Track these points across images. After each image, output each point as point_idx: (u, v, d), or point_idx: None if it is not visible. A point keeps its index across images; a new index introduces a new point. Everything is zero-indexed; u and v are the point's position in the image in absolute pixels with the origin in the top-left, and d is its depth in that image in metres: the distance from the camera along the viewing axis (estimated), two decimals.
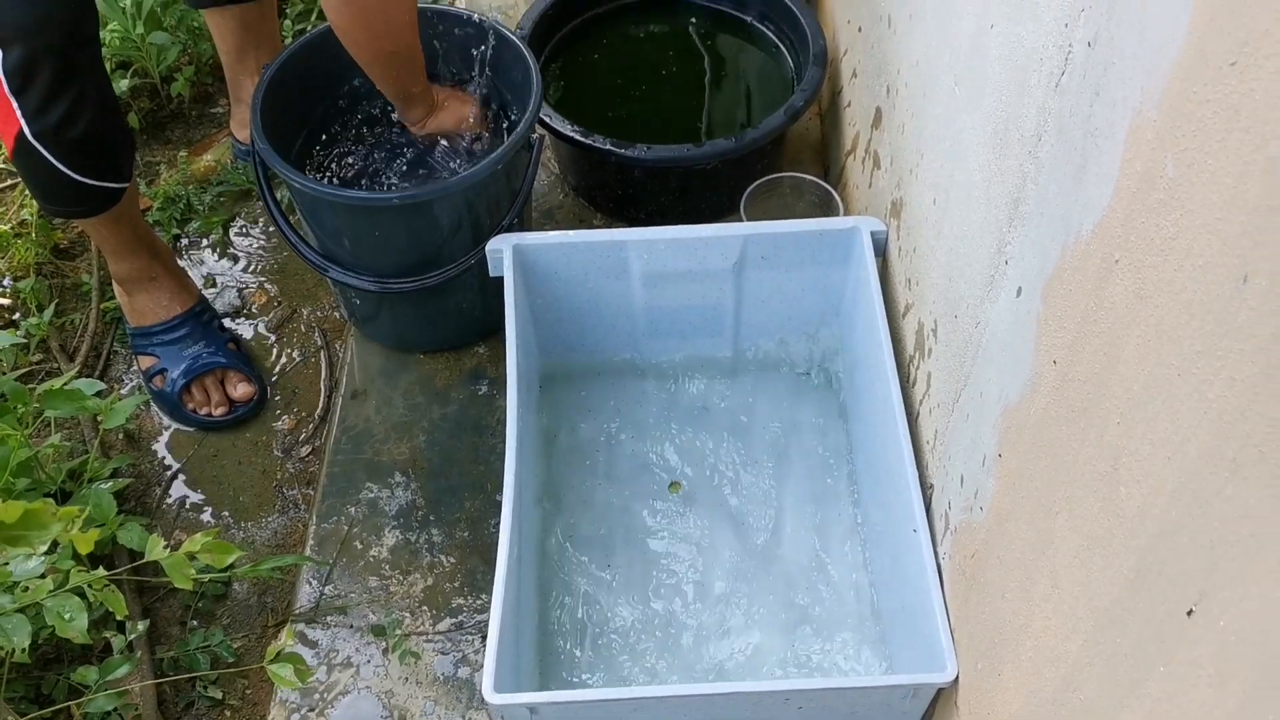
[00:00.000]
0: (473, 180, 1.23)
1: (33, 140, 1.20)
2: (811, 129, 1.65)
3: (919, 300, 1.11)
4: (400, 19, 1.19)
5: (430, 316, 1.42)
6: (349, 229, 1.29)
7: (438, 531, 1.31)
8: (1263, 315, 0.46)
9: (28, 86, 1.16)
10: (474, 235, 1.30)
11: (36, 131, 1.19)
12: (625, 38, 1.67)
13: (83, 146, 1.23)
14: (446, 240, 1.29)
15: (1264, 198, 0.46)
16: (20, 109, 1.18)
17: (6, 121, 1.19)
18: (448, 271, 1.30)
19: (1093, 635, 0.65)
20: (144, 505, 1.40)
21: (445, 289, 1.33)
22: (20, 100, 1.17)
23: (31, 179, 1.28)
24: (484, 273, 1.26)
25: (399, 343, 1.46)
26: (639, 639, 1.18)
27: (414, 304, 1.38)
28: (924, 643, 1.00)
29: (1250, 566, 0.48)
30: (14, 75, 1.16)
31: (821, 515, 1.25)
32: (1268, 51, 0.46)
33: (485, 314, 1.40)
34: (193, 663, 1.24)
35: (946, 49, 0.99)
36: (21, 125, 1.19)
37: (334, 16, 1.18)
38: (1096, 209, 0.65)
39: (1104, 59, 0.64)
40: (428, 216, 1.26)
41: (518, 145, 1.26)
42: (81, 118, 1.21)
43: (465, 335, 1.46)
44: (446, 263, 1.30)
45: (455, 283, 1.32)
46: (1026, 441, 0.78)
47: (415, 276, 1.30)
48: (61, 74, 1.17)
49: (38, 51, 1.15)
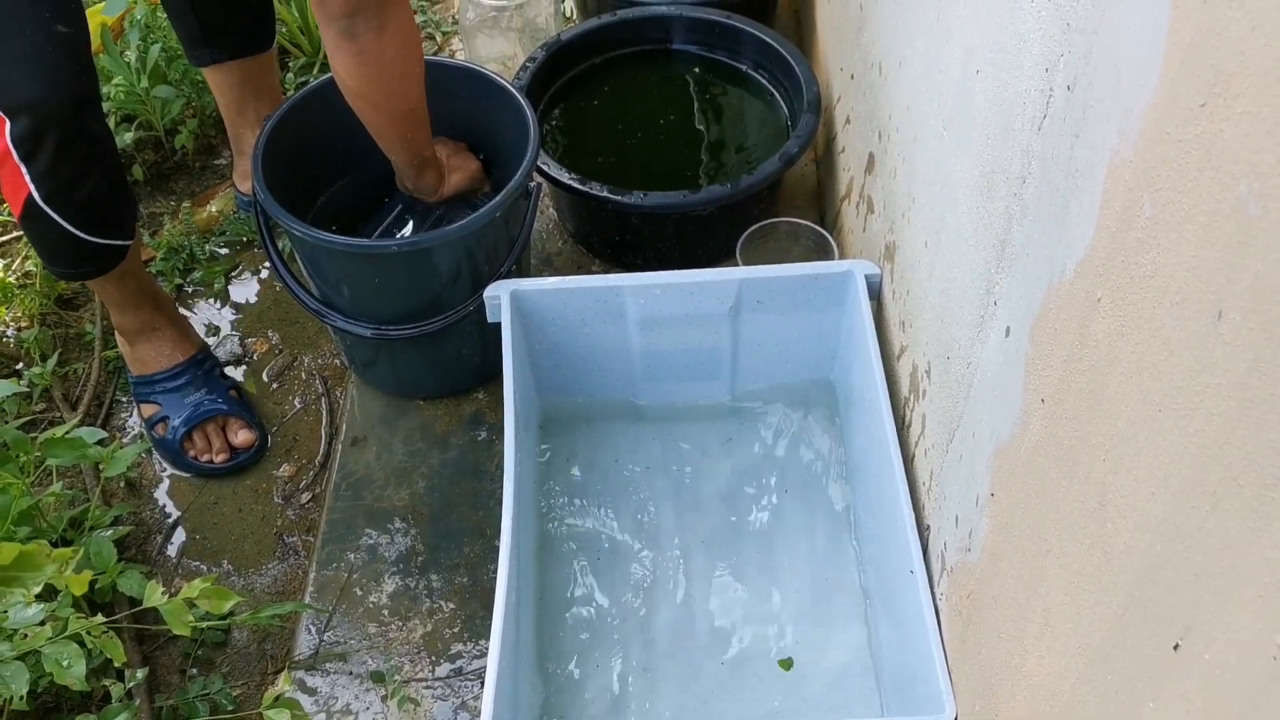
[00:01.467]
0: (472, 228, 1.25)
1: (42, 204, 1.22)
2: (807, 175, 1.67)
3: (913, 342, 1.12)
4: (415, 73, 1.20)
5: (430, 362, 1.43)
6: (348, 276, 1.31)
7: (437, 577, 1.31)
8: (1237, 350, 0.47)
9: (36, 152, 1.18)
10: (473, 281, 1.31)
11: (45, 195, 1.21)
12: (622, 86, 1.69)
13: (90, 205, 1.25)
14: (446, 287, 1.30)
15: (1235, 235, 0.47)
16: (29, 174, 1.20)
17: (16, 187, 1.21)
18: (448, 318, 1.31)
19: (1084, 673, 0.65)
20: (144, 553, 1.40)
21: (445, 335, 1.34)
22: (29, 166, 1.19)
23: (40, 241, 1.30)
24: (483, 319, 1.27)
25: (399, 389, 1.47)
26: (638, 686, 1.17)
27: (414, 350, 1.39)
28: (922, 684, 1.00)
29: (1233, 598, 0.48)
30: (22, 143, 1.18)
31: (819, 557, 1.26)
32: (1235, 92, 0.47)
33: (485, 360, 1.41)
34: (192, 711, 1.24)
35: (935, 94, 1.01)
36: (30, 190, 1.21)
37: (348, 77, 1.16)
38: (1079, 249, 0.66)
39: (1083, 102, 0.65)
40: (427, 264, 1.28)
41: (516, 193, 1.28)
42: (89, 178, 1.23)
43: (465, 381, 1.47)
44: (446, 309, 1.31)
45: (454, 329, 1.33)
46: (1018, 480, 0.78)
47: (415, 323, 1.31)
48: (68, 138, 1.19)
49: (45, 119, 1.17)
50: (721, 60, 1.68)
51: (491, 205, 1.25)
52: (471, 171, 1.38)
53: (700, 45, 1.69)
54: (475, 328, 1.32)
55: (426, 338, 1.33)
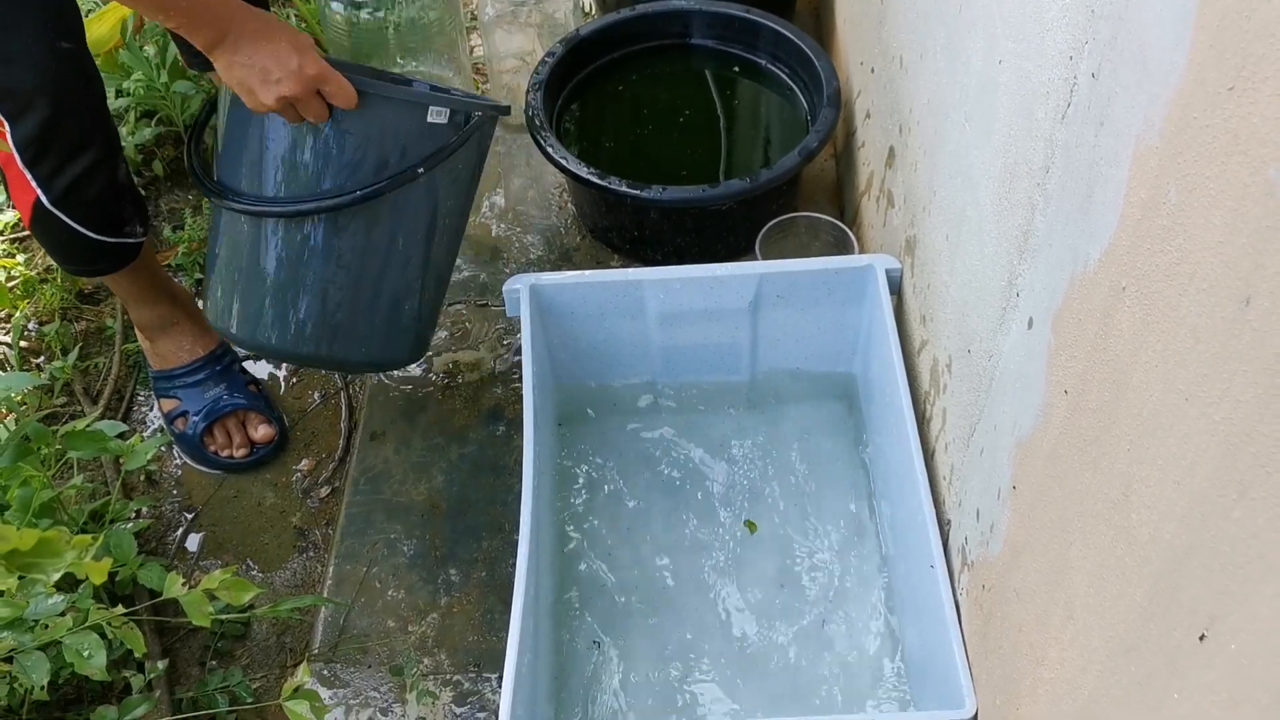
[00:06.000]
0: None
1: (50, 207, 1.22)
2: (827, 170, 1.66)
3: (934, 336, 1.11)
4: None
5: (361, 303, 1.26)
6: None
7: (455, 572, 1.31)
8: (1265, 336, 0.47)
9: (41, 156, 1.19)
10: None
11: (54, 198, 1.22)
12: (641, 81, 1.69)
13: (99, 205, 1.25)
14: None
15: (1264, 219, 0.47)
16: (34, 179, 1.20)
17: (22, 192, 1.21)
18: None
19: (1108, 665, 0.65)
20: (164, 546, 1.40)
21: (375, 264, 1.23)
22: (34, 170, 1.19)
23: (52, 244, 1.30)
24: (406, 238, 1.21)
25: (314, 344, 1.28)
26: (658, 677, 1.17)
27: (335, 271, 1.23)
28: (943, 679, 0.99)
29: (1260, 588, 0.48)
30: (27, 147, 1.18)
31: (840, 552, 1.25)
32: (1265, 75, 0.47)
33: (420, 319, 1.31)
34: (211, 702, 1.24)
35: (956, 86, 1.00)
36: (38, 194, 1.21)
37: None
38: (1103, 238, 0.65)
39: (1108, 90, 0.65)
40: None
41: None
42: (96, 178, 1.23)
43: (396, 343, 1.31)
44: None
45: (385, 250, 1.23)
46: (1039, 472, 0.78)
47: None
48: (73, 138, 1.20)
49: (48, 120, 1.17)
50: (740, 54, 1.68)
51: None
52: (279, 50, 1.07)
53: (719, 40, 1.68)
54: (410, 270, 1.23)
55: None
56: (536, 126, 1.49)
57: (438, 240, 1.26)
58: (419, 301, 1.28)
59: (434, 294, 1.31)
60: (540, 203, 1.67)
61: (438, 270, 1.29)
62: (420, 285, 1.27)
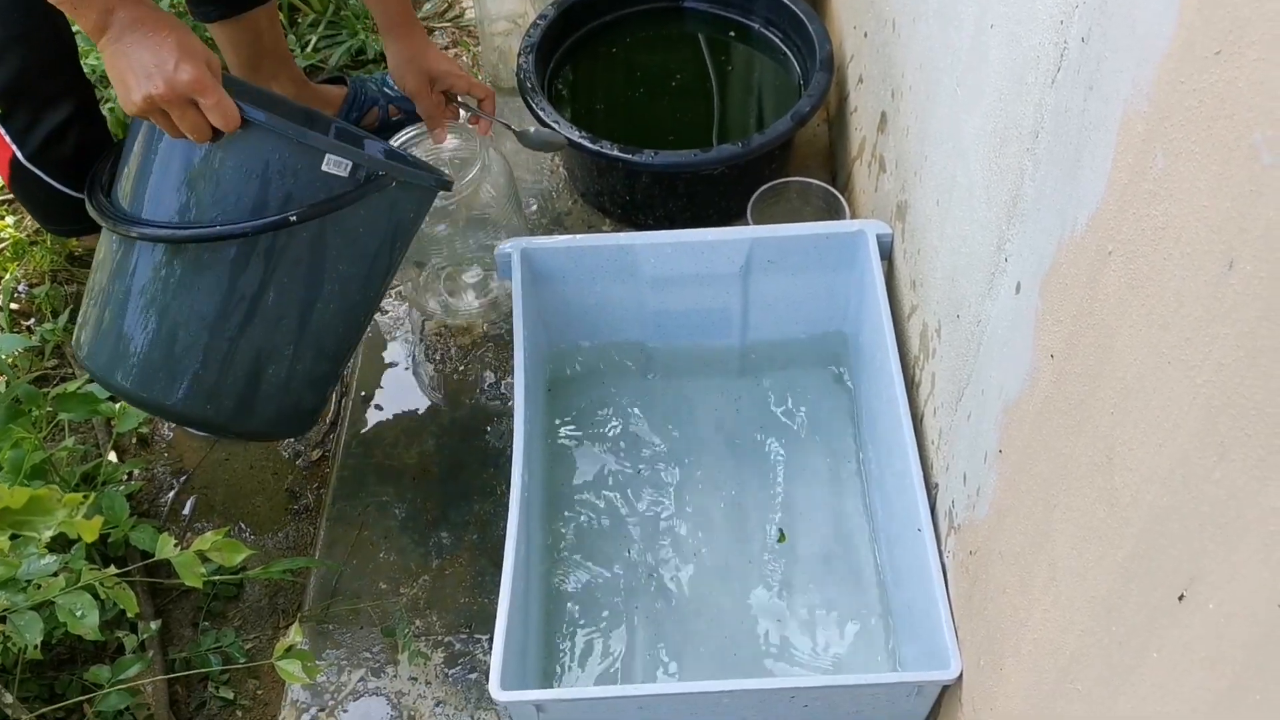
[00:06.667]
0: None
1: (26, 163, 1.22)
2: (819, 135, 1.66)
3: (923, 301, 1.12)
4: None
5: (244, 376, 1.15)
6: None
7: (447, 534, 1.32)
8: (1247, 299, 0.47)
9: (13, 111, 1.18)
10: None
11: (29, 153, 1.21)
12: (633, 44, 1.68)
13: (77, 161, 1.25)
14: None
15: (1248, 183, 0.47)
16: (8, 133, 1.20)
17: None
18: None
19: (1089, 626, 0.66)
20: (156, 508, 1.41)
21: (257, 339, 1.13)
22: (7, 125, 1.19)
23: (32, 203, 1.30)
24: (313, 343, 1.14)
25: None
26: (647, 636, 1.18)
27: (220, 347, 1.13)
28: (929, 640, 1.00)
29: (1238, 548, 0.48)
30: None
31: (830, 515, 1.26)
32: (1251, 39, 0.47)
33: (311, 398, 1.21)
34: (204, 662, 1.25)
35: (948, 51, 1.00)
36: (13, 150, 1.21)
37: None
38: (1091, 202, 0.66)
39: (1097, 54, 0.65)
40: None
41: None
42: (71, 132, 1.23)
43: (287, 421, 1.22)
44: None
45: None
46: (1025, 436, 0.78)
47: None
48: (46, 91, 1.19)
49: (18, 72, 1.16)
50: (733, 18, 1.67)
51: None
52: (168, 47, 0.98)
53: (712, 3, 1.68)
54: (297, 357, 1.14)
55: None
56: (528, 90, 1.49)
57: (321, 305, 1.13)
58: (287, 370, 1.15)
59: (310, 365, 1.17)
60: (532, 167, 1.66)
61: (318, 340, 1.16)
62: (292, 352, 1.14)
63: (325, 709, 1.19)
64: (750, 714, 1.02)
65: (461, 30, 1.90)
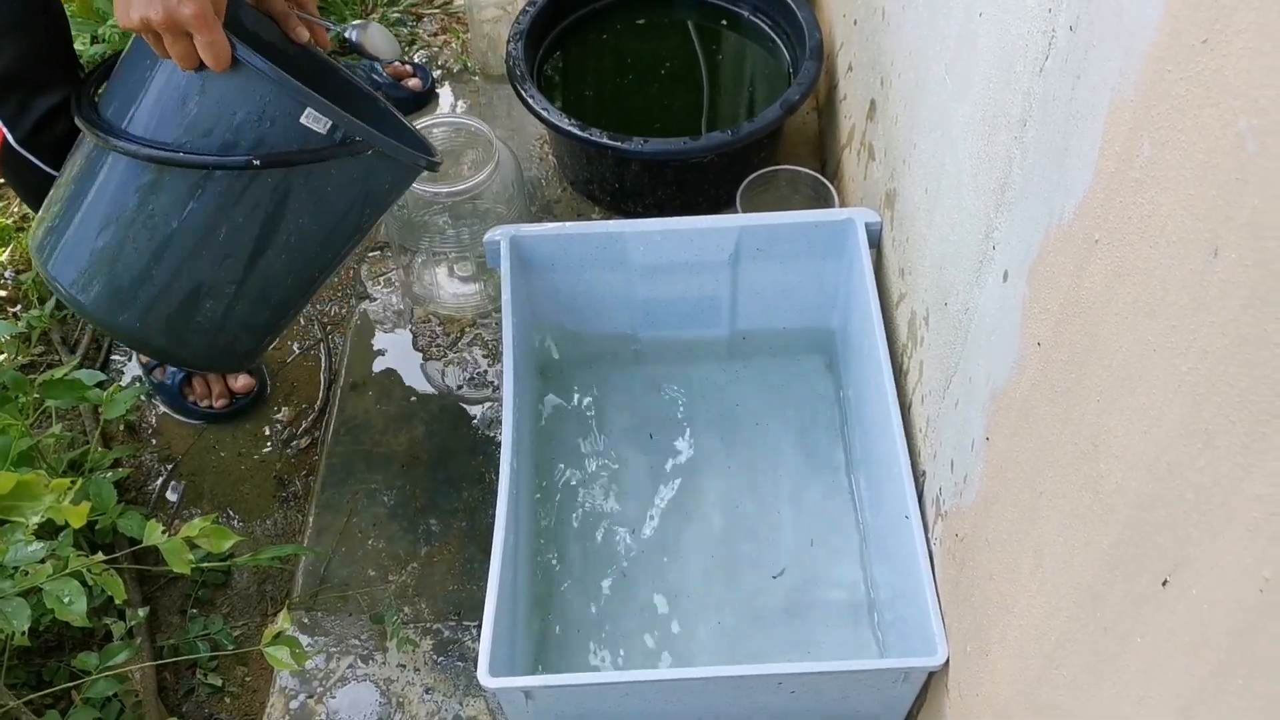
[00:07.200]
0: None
1: (18, 147, 1.21)
2: (808, 123, 1.66)
3: (912, 290, 1.12)
4: None
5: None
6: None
7: (436, 521, 1.32)
8: (1231, 287, 0.47)
9: (6, 97, 1.17)
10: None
11: (20, 137, 1.20)
12: (623, 31, 1.68)
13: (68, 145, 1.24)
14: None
15: (1234, 171, 0.47)
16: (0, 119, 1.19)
17: None
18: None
19: (1074, 612, 0.66)
20: (144, 496, 1.41)
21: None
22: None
23: (23, 188, 1.29)
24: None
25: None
26: (635, 624, 1.19)
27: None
28: (915, 627, 1.01)
29: (1222, 534, 0.49)
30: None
31: (817, 503, 1.26)
32: (1237, 28, 0.47)
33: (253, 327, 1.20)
34: (192, 649, 1.25)
35: (937, 38, 1.00)
36: (4, 133, 1.20)
37: None
38: (1078, 191, 0.66)
39: (1085, 42, 0.65)
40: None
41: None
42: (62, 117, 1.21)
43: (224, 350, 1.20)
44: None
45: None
46: (1012, 424, 0.79)
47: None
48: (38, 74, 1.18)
49: (9, 55, 1.15)
50: (723, 5, 1.66)
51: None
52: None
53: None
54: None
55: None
56: (517, 77, 1.49)
57: (272, 254, 1.12)
58: (224, 308, 1.14)
59: (249, 309, 1.16)
60: (521, 154, 1.66)
61: (263, 286, 1.15)
62: (233, 292, 1.13)
63: (313, 695, 1.19)
64: (737, 700, 1.02)
65: (450, 17, 1.90)
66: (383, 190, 1.17)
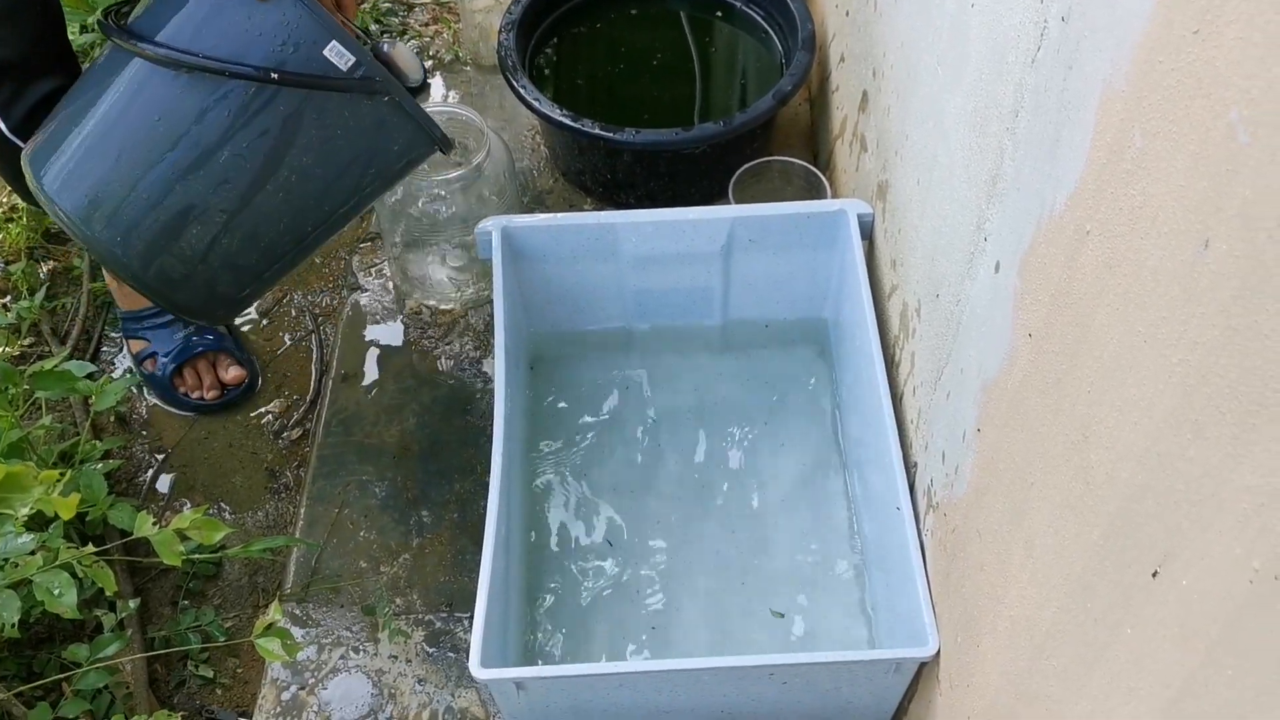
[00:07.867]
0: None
1: (10, 135, 1.20)
2: (801, 114, 1.66)
3: (904, 281, 1.12)
4: None
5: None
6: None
7: (427, 513, 1.32)
8: (1222, 278, 0.47)
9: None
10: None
11: (12, 126, 1.19)
12: (615, 22, 1.67)
13: None
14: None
15: (1224, 162, 0.47)
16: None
17: None
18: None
19: (1065, 602, 0.66)
20: (134, 487, 1.40)
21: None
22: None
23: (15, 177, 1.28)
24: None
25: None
26: (627, 615, 1.19)
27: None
28: (907, 618, 1.01)
29: (1212, 524, 0.49)
30: None
31: (809, 495, 1.26)
32: (1229, 18, 0.47)
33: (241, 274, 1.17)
34: (183, 641, 1.25)
35: (929, 29, 1.00)
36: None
37: None
38: (1069, 182, 0.66)
39: (1077, 33, 0.65)
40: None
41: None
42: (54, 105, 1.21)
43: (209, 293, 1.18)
44: None
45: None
46: (1004, 415, 0.79)
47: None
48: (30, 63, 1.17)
49: (3, 45, 1.15)
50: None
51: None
52: None
53: None
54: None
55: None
56: (509, 67, 1.48)
57: (272, 188, 1.10)
58: (211, 238, 1.11)
59: (237, 245, 1.13)
60: (513, 145, 1.66)
61: (255, 223, 1.12)
62: (222, 222, 1.10)
63: (305, 687, 1.19)
64: (730, 691, 1.02)
65: (442, 7, 1.89)
66: (392, 153, 1.15)
